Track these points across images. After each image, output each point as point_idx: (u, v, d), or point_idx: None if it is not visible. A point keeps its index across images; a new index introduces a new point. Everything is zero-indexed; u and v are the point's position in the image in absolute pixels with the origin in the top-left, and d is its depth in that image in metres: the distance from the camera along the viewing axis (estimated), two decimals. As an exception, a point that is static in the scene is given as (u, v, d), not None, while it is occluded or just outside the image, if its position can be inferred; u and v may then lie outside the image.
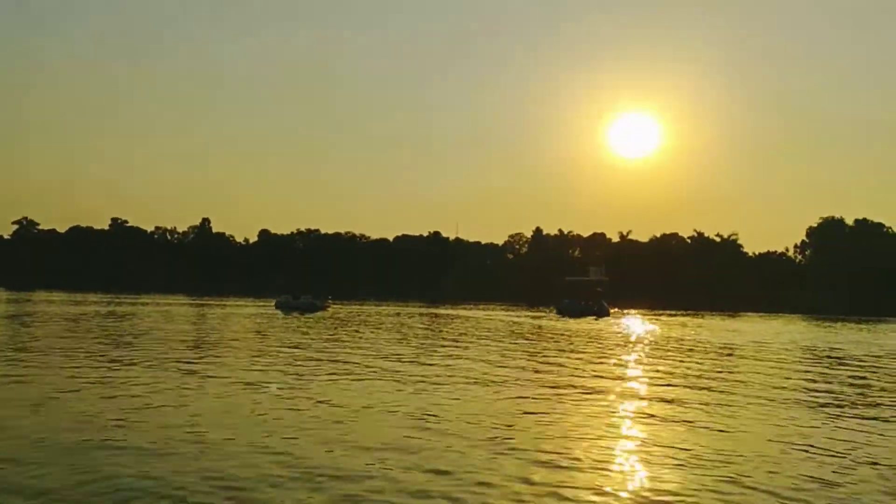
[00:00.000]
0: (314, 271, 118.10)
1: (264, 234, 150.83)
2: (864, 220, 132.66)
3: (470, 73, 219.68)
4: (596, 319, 59.48)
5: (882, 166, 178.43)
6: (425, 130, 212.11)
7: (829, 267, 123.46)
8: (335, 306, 64.10)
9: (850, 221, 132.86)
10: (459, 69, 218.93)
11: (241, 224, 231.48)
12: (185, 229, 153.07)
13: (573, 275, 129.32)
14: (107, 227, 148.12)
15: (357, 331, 33.99)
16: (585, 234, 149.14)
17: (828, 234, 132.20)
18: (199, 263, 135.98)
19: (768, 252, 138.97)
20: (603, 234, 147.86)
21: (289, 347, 23.81)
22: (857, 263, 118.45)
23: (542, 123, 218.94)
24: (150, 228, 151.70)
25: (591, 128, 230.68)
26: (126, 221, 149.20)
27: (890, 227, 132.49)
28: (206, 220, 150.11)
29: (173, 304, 61.29)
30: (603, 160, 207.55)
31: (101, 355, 19.14)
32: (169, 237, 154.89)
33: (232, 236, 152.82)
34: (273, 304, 60.96)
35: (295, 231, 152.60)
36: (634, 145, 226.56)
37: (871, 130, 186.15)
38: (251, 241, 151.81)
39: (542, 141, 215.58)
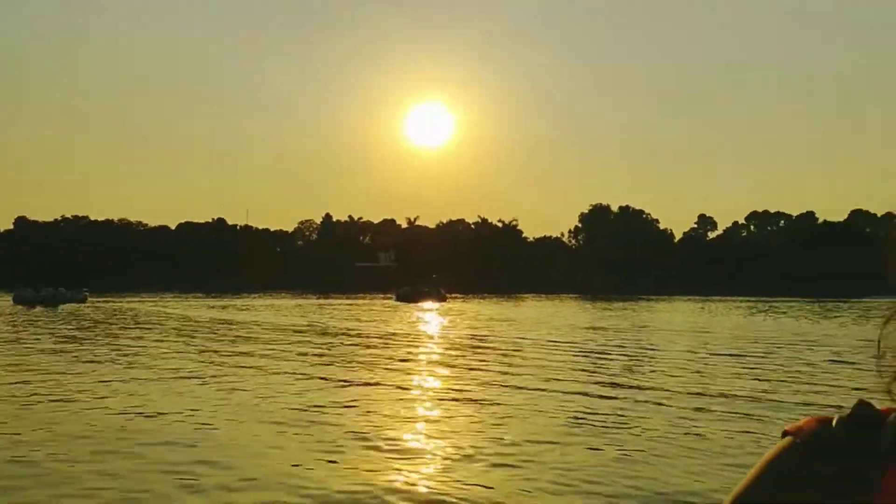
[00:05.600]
0: (82, 262, 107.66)
1: (21, 221, 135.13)
2: (627, 206, 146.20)
3: (262, 55, 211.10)
4: (435, 303, 64.24)
5: (642, 158, 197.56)
6: (212, 110, 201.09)
7: (597, 250, 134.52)
8: (99, 301, 58.60)
9: (615, 208, 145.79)
10: (251, 51, 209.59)
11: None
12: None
13: (363, 261, 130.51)
14: None
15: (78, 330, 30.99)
16: (376, 221, 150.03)
17: (596, 219, 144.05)
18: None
19: (545, 237, 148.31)
20: (393, 221, 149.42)
21: None
22: (619, 247, 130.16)
23: (336, 108, 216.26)
24: None
25: (386, 115, 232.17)
26: None
27: (649, 214, 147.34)
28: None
29: None
30: (396, 147, 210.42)
31: None
32: None
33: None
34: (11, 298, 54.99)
35: (59, 217, 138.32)
36: (426, 134, 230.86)
37: (635, 126, 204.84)
38: (4, 229, 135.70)
39: (334, 125, 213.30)
